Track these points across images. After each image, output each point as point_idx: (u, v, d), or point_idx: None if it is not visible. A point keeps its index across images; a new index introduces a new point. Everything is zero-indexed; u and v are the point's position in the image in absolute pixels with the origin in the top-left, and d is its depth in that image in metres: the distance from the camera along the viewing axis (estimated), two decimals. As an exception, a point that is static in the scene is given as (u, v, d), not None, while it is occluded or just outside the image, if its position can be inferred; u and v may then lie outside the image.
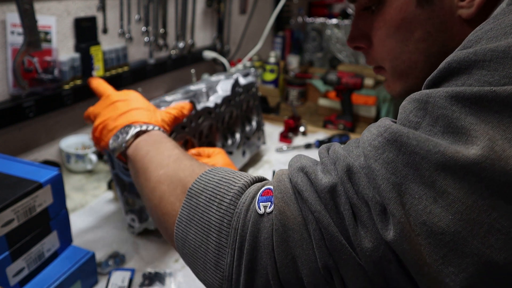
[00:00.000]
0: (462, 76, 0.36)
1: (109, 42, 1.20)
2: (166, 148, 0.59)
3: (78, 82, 1.09)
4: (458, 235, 0.32)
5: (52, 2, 1.01)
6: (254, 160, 1.24)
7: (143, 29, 1.29)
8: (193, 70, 1.38)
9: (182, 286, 0.74)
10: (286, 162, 0.45)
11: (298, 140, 1.40)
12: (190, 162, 0.55)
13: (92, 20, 1.12)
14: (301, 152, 1.32)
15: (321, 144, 1.32)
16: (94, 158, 1.08)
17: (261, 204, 0.42)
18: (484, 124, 0.33)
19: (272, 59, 1.75)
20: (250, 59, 1.67)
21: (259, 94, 1.27)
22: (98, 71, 1.14)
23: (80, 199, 0.99)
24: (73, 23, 1.07)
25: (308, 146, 1.33)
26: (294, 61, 2.09)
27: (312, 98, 1.82)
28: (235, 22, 1.86)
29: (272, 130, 1.44)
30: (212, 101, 0.97)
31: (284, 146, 1.33)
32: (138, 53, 1.33)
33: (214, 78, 1.09)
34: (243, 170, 1.05)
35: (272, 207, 0.41)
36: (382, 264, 0.35)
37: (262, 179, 0.48)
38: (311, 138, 1.41)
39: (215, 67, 1.74)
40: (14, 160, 0.68)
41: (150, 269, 0.77)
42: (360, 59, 2.13)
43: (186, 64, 1.52)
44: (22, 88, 0.93)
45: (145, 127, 0.65)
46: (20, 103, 0.95)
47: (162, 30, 1.36)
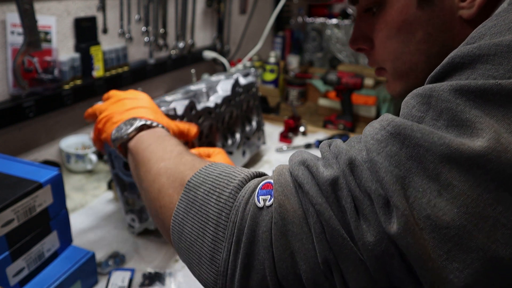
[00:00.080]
0: (466, 71, 0.36)
1: (109, 42, 1.20)
2: (169, 143, 0.59)
3: (78, 82, 1.09)
4: (463, 229, 0.32)
5: (52, 2, 1.01)
6: (254, 160, 1.24)
7: (143, 29, 1.29)
8: (193, 70, 1.38)
9: (182, 286, 0.74)
10: (286, 162, 0.45)
11: (298, 140, 1.40)
12: (191, 157, 0.54)
13: (92, 20, 1.12)
14: (301, 152, 1.31)
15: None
16: (94, 158, 1.08)
17: (260, 197, 0.41)
18: (488, 117, 0.33)
19: (272, 59, 1.74)
20: (250, 59, 1.67)
21: (259, 94, 1.27)
22: (98, 71, 1.14)
23: (80, 199, 0.99)
24: (73, 23, 1.07)
25: (308, 146, 1.33)
26: (294, 61, 2.09)
27: (312, 98, 1.82)
28: (235, 22, 1.86)
29: (272, 130, 1.44)
30: (212, 101, 0.97)
31: (284, 146, 1.33)
32: (138, 53, 1.33)
33: (214, 78, 1.09)
34: (243, 170, 1.05)
35: (271, 201, 0.40)
36: (384, 259, 0.34)
37: (262, 174, 0.47)
38: (311, 138, 1.41)
39: (215, 67, 1.74)
40: (14, 160, 0.68)
41: (150, 269, 0.77)
42: (360, 59, 2.13)
43: (186, 64, 1.52)
44: (22, 88, 0.93)
45: (149, 122, 0.65)
46: (20, 103, 0.95)
47: (162, 30, 1.36)
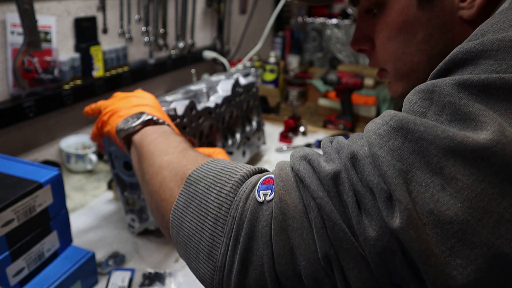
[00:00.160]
0: (469, 66, 0.35)
1: (109, 42, 1.20)
2: (174, 139, 0.59)
3: (78, 82, 1.09)
4: (466, 224, 0.31)
5: (52, 2, 1.01)
6: (254, 160, 1.24)
7: (143, 29, 1.29)
8: (193, 70, 1.38)
9: (182, 286, 0.74)
10: (287, 162, 0.45)
11: (298, 140, 1.40)
12: (195, 153, 0.54)
13: (92, 20, 1.12)
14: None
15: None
16: (94, 158, 1.08)
17: (261, 192, 0.40)
18: (492, 111, 0.32)
19: (272, 59, 1.74)
20: (250, 59, 1.67)
21: (259, 94, 1.27)
22: (98, 71, 1.14)
23: (80, 199, 0.99)
24: (73, 23, 1.07)
25: (308, 146, 1.33)
26: (294, 61, 2.09)
27: (312, 98, 1.82)
28: (235, 22, 1.86)
29: (272, 130, 1.44)
30: (212, 101, 0.97)
31: (284, 146, 1.33)
32: (138, 53, 1.33)
33: (215, 78, 1.09)
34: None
35: (272, 195, 0.39)
36: (386, 254, 0.34)
37: (264, 170, 0.47)
38: (311, 138, 1.41)
39: (215, 67, 1.74)
40: (14, 160, 0.68)
41: (150, 269, 0.77)
42: (360, 59, 2.13)
43: (186, 64, 1.52)
44: (22, 88, 0.93)
45: (156, 118, 0.65)
46: (20, 103, 0.95)
47: (162, 30, 1.36)
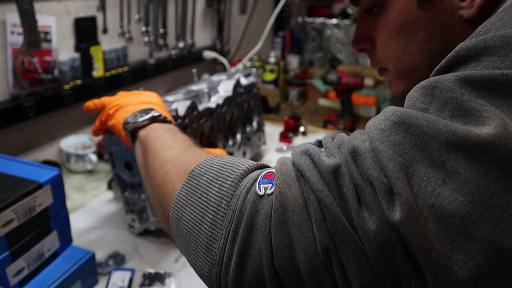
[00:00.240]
0: (471, 63, 0.35)
1: (109, 42, 1.20)
2: (180, 136, 0.60)
3: (78, 82, 1.08)
4: (468, 219, 0.31)
5: (52, 2, 1.01)
6: (255, 160, 1.23)
7: (143, 29, 1.29)
8: (194, 70, 1.38)
9: (182, 286, 0.74)
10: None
11: (298, 140, 1.40)
12: (200, 150, 0.55)
13: (92, 20, 1.12)
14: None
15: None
16: (94, 158, 1.08)
17: (261, 186, 0.40)
18: (494, 107, 0.32)
19: (272, 59, 1.74)
20: (250, 59, 1.67)
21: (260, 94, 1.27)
22: (98, 71, 1.14)
23: (80, 199, 0.99)
24: (73, 23, 1.07)
25: (308, 146, 1.33)
26: (294, 61, 2.09)
27: (312, 98, 1.82)
28: (235, 22, 1.86)
29: (272, 130, 1.44)
30: (213, 101, 0.97)
31: (284, 146, 1.33)
32: (138, 53, 1.33)
33: (216, 78, 1.08)
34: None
35: (272, 189, 0.39)
36: (386, 248, 0.33)
37: (265, 166, 0.47)
38: (311, 138, 1.41)
39: (215, 67, 1.74)
40: (14, 160, 0.68)
41: (150, 269, 0.77)
42: (360, 59, 2.13)
43: (186, 64, 1.52)
44: (22, 88, 0.93)
45: (163, 116, 0.66)
46: (20, 103, 0.95)
47: (162, 30, 1.36)
